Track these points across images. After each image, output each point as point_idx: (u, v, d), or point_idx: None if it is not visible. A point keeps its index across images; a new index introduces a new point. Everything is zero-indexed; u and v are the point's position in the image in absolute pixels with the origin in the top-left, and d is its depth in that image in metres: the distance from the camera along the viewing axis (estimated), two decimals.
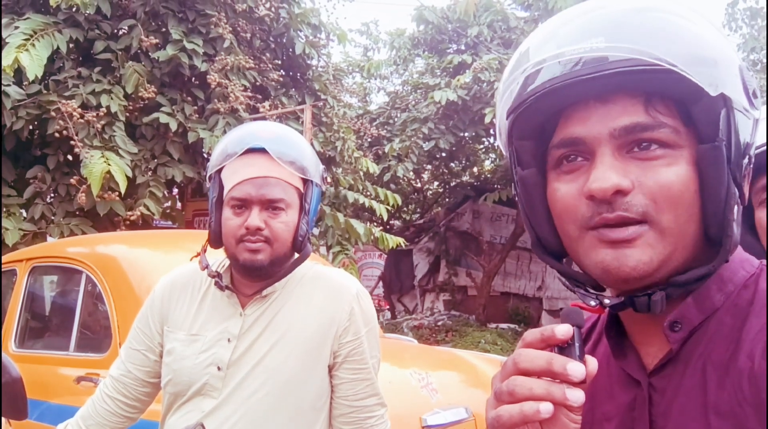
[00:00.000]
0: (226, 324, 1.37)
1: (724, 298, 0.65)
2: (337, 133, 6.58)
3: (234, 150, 1.33)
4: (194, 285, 1.44)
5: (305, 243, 1.39)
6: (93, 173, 4.46)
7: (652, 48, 0.58)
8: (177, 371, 1.37)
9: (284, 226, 1.34)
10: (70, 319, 3.07)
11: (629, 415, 0.69)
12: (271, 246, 1.33)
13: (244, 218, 1.31)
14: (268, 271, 1.35)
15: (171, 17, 5.47)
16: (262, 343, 1.36)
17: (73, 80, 5.03)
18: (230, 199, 1.33)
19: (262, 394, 1.33)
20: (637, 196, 0.60)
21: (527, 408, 0.57)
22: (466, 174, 12.01)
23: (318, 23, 6.54)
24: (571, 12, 0.66)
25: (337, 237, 6.45)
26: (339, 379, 1.40)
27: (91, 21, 5.25)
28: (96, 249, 3.25)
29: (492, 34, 9.09)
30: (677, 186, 0.60)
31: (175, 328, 1.40)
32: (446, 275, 11.44)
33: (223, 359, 1.34)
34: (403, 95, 10.60)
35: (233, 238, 1.33)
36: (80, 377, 2.77)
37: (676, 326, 0.66)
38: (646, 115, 0.60)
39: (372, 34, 11.69)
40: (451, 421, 2.62)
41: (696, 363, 0.64)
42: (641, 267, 0.61)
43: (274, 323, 1.37)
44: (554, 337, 0.59)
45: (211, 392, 1.34)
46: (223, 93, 5.43)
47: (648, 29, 0.60)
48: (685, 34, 0.60)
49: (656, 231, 0.61)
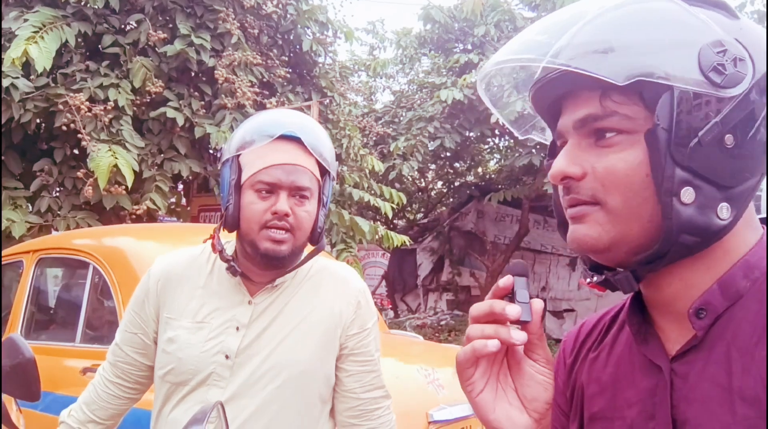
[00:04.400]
0: (234, 312, 1.35)
1: (750, 285, 0.65)
2: (343, 130, 6.58)
3: (262, 135, 1.32)
4: (194, 271, 1.41)
5: (322, 235, 1.39)
6: (100, 167, 4.46)
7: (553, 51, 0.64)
8: (181, 359, 1.33)
9: (308, 215, 1.34)
10: (76, 311, 3.08)
11: (651, 400, 0.69)
12: (294, 235, 1.32)
13: (270, 203, 1.30)
14: (286, 261, 1.34)
15: (179, 12, 5.48)
16: (272, 333, 1.35)
17: (81, 74, 5.03)
18: (257, 182, 1.30)
19: (275, 386, 1.32)
20: (588, 181, 0.66)
21: (478, 344, 0.69)
22: (470, 174, 12.00)
23: (325, 20, 6.53)
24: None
25: (341, 235, 6.44)
26: (345, 372, 1.40)
27: (99, 15, 5.26)
28: (103, 241, 3.25)
29: (499, 33, 9.07)
30: (623, 170, 0.64)
31: (178, 315, 1.37)
32: (450, 275, 11.43)
33: (231, 348, 1.32)
34: (409, 94, 10.59)
35: (257, 223, 1.30)
36: (86, 368, 2.77)
37: (701, 313, 0.65)
38: (599, 106, 0.65)
39: (378, 32, 11.68)
40: (457, 417, 2.62)
41: (720, 349, 0.64)
42: (588, 240, 0.67)
43: (285, 314, 1.36)
44: (498, 287, 0.70)
45: (217, 382, 1.32)
46: (230, 89, 5.42)
47: (562, 32, 0.65)
48: (590, 29, 0.64)
49: (605, 211, 0.65)
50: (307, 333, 1.36)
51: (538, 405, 0.74)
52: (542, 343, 0.73)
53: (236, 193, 1.32)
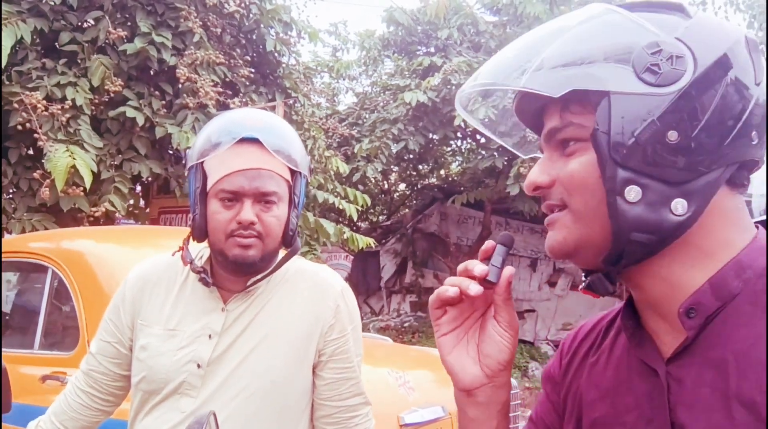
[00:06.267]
0: (207, 319, 1.31)
1: (743, 285, 0.64)
2: (307, 131, 6.53)
3: (223, 139, 1.26)
4: (170, 277, 1.37)
5: (295, 238, 1.35)
6: (57, 167, 4.32)
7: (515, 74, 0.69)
8: (152, 368, 1.29)
9: (276, 220, 1.28)
10: (34, 316, 2.97)
11: (648, 404, 0.68)
12: (262, 241, 1.27)
13: (235, 212, 1.25)
14: (258, 266, 1.30)
15: (139, 10, 5.35)
16: (245, 340, 1.30)
17: (37, 72, 4.88)
18: (219, 191, 1.26)
19: (247, 394, 1.28)
20: (557, 187, 0.70)
21: (441, 289, 0.76)
22: (433, 176, 12.04)
23: (289, 20, 6.47)
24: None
25: (305, 237, 6.39)
26: (323, 380, 1.36)
27: (56, 11, 5.10)
28: (61, 244, 3.15)
29: (462, 36, 9.13)
30: (579, 174, 0.67)
31: (150, 322, 1.33)
32: (413, 277, 11.44)
33: (203, 356, 1.28)
34: (372, 96, 10.58)
35: (222, 232, 1.26)
36: (45, 376, 2.68)
37: (691, 313, 0.65)
38: (559, 119, 0.69)
39: (341, 34, 11.65)
40: (429, 419, 2.61)
41: (715, 351, 0.63)
42: (556, 245, 0.70)
43: (259, 320, 1.32)
44: (481, 250, 0.76)
45: (189, 391, 1.28)
46: (192, 88, 5.32)
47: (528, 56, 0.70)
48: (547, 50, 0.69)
49: (571, 214, 0.69)
50: (282, 339, 1.31)
51: (490, 362, 0.77)
52: (507, 307, 0.76)
53: (202, 202, 1.28)
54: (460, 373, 0.77)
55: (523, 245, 10.95)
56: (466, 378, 0.77)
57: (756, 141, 0.65)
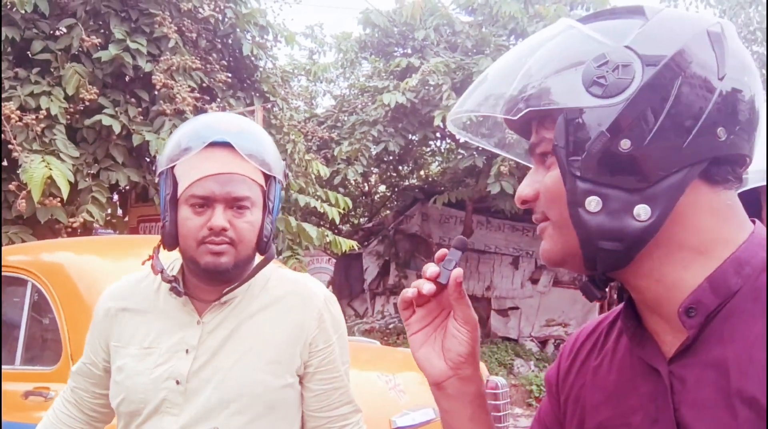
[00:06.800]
0: (182, 333, 1.27)
1: (742, 282, 0.64)
2: (287, 135, 6.49)
3: (193, 143, 1.22)
4: (142, 294, 1.33)
5: (270, 244, 1.30)
6: (33, 178, 4.24)
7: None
8: (130, 388, 1.26)
9: (249, 226, 1.25)
10: (14, 331, 2.91)
11: (653, 405, 0.68)
12: (235, 248, 1.23)
13: (206, 218, 1.21)
14: (231, 274, 1.25)
15: (113, 16, 5.28)
16: (226, 354, 1.26)
17: (9, 81, 4.79)
18: (190, 196, 1.22)
19: (233, 411, 1.24)
20: (541, 199, 0.72)
21: (402, 292, 0.81)
22: (413, 177, 12.04)
23: (265, 24, 6.43)
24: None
25: (287, 241, 6.35)
26: (311, 392, 1.32)
27: (28, 20, 5.02)
28: (40, 256, 3.09)
29: (438, 37, 9.14)
30: (552, 187, 0.69)
31: (125, 343, 1.29)
32: (396, 278, 11.42)
33: (181, 372, 1.24)
34: (350, 98, 10.55)
35: (193, 239, 1.22)
36: (28, 392, 2.63)
37: (691, 311, 0.65)
38: (536, 135, 0.72)
39: (317, 37, 11.61)
40: (420, 422, 2.60)
41: (716, 350, 0.63)
42: (544, 254, 0.73)
43: (239, 332, 1.28)
44: (437, 255, 0.81)
45: (170, 409, 1.24)
46: (168, 94, 5.26)
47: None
48: (490, 81, 0.75)
49: (552, 224, 0.71)
50: (265, 352, 1.27)
51: (452, 355, 0.81)
52: (461, 306, 0.80)
53: (172, 209, 1.24)
54: (428, 368, 0.83)
55: (504, 243, 11.00)
56: (433, 371, 0.82)
57: (724, 137, 0.64)
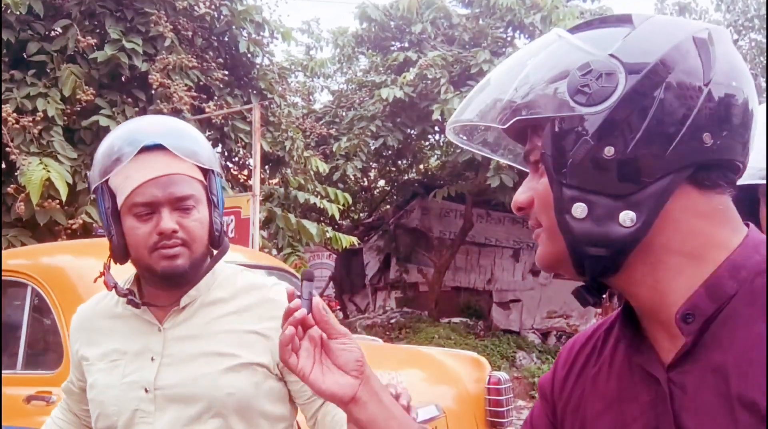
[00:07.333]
0: (146, 342, 1.25)
1: (738, 286, 0.64)
2: (285, 132, 6.47)
3: (125, 151, 1.19)
4: (103, 311, 1.33)
5: (222, 238, 1.29)
6: (32, 181, 4.23)
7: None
8: (103, 402, 1.25)
9: (198, 224, 1.22)
10: (15, 336, 2.90)
11: (653, 412, 0.68)
12: (189, 248, 1.21)
13: (153, 223, 1.18)
14: (189, 276, 1.23)
15: (108, 16, 5.27)
16: (190, 358, 1.23)
17: (5, 84, 4.79)
18: (132, 205, 1.19)
19: (207, 415, 1.21)
20: (535, 206, 0.72)
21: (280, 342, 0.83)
22: (412, 171, 12.03)
23: (261, 20, 6.40)
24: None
25: (288, 238, 6.34)
26: (295, 384, 1.26)
27: (22, 21, 5.01)
28: (40, 260, 3.08)
29: (435, 31, 9.12)
30: (542, 193, 0.70)
31: (94, 360, 1.30)
32: (397, 273, 11.44)
33: (149, 379, 1.22)
34: (348, 94, 10.53)
35: (145, 247, 1.19)
36: (30, 396, 2.62)
37: (688, 318, 0.65)
38: (530, 143, 0.72)
39: (314, 32, 11.57)
40: (424, 419, 2.59)
41: (715, 355, 0.63)
42: (539, 260, 0.73)
43: (203, 335, 1.25)
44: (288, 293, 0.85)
45: (144, 418, 1.22)
46: (165, 94, 5.25)
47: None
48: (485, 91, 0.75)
49: (544, 231, 0.71)
50: (234, 355, 1.24)
51: (350, 364, 0.84)
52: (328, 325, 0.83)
53: (116, 222, 1.22)
54: (340, 390, 0.83)
55: (505, 236, 11.00)
56: (346, 390, 0.83)
57: (710, 143, 0.64)
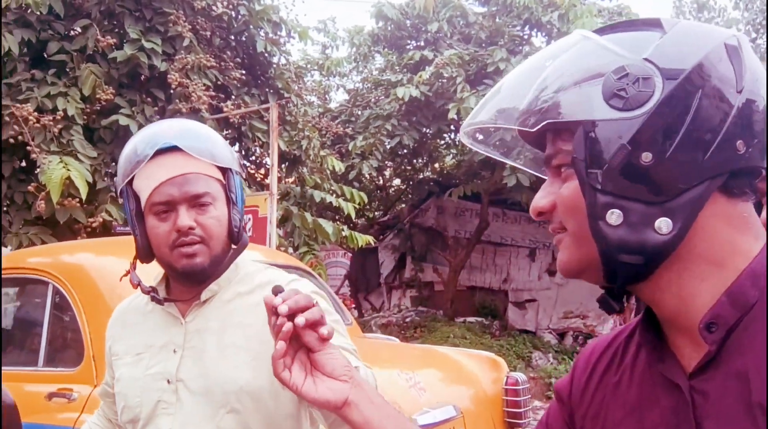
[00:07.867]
0: (170, 335, 1.30)
1: (759, 294, 0.64)
2: (301, 131, 6.49)
3: (142, 154, 1.25)
4: (134, 309, 1.38)
5: (241, 234, 1.32)
6: (52, 180, 4.28)
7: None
8: (128, 395, 1.29)
9: (215, 221, 1.26)
10: (37, 333, 2.93)
11: (674, 420, 0.68)
12: (207, 245, 1.25)
13: (172, 221, 1.23)
14: (208, 272, 1.27)
15: (127, 16, 5.31)
16: (211, 351, 1.27)
17: (26, 83, 4.84)
18: (152, 205, 1.24)
19: (228, 409, 1.23)
20: (558, 210, 0.71)
21: (273, 358, 0.86)
22: (428, 170, 12.01)
23: (278, 20, 6.43)
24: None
25: (304, 237, 6.36)
26: None
27: (43, 21, 5.06)
28: (61, 258, 3.11)
29: (452, 29, 9.09)
30: (570, 197, 0.69)
31: (121, 354, 1.35)
32: (412, 271, 11.43)
33: (171, 371, 1.26)
34: (364, 92, 10.53)
35: (165, 245, 1.24)
36: (52, 393, 2.65)
37: (712, 327, 0.64)
38: (552, 146, 0.71)
39: (330, 31, 11.58)
40: (441, 419, 2.59)
41: (737, 362, 0.63)
42: (562, 265, 0.72)
43: (224, 329, 1.28)
44: (267, 306, 0.88)
45: (166, 409, 1.25)
46: (184, 93, 5.28)
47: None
48: (502, 93, 0.75)
49: (570, 236, 0.70)
50: (249, 348, 1.26)
51: (339, 370, 0.87)
52: (310, 333, 0.86)
53: (140, 223, 1.27)
54: (333, 396, 0.85)
55: (521, 235, 10.95)
56: (338, 396, 0.85)
57: (743, 150, 0.64)
